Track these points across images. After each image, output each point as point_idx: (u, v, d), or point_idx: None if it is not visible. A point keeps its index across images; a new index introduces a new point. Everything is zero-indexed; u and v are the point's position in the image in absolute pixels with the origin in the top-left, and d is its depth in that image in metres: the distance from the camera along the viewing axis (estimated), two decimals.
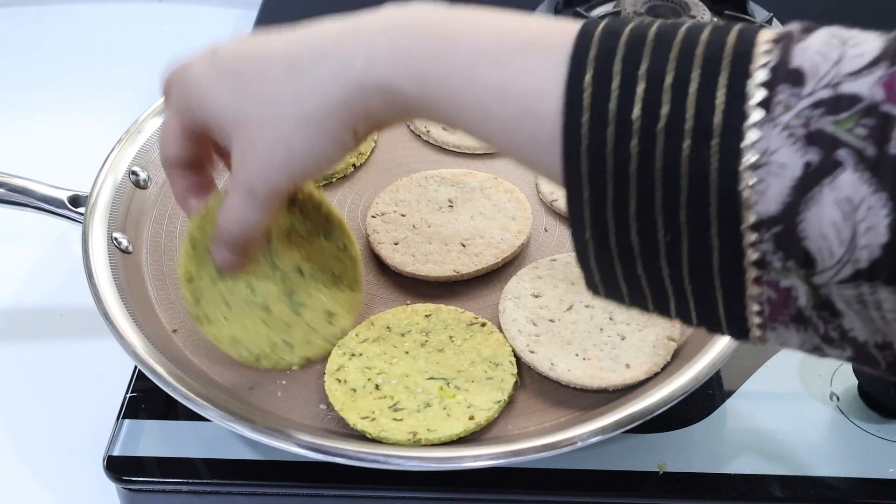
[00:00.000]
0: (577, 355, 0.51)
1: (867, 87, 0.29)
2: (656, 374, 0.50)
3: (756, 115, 0.30)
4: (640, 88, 0.31)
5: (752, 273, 0.31)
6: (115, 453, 0.52)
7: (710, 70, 0.31)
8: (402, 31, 0.37)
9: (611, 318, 0.53)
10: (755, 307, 0.32)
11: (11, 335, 0.65)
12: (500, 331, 0.52)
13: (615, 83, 0.32)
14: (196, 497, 0.51)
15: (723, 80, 0.31)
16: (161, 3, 1.02)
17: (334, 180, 0.63)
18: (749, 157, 0.30)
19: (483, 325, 0.53)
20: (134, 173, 0.62)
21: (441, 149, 0.66)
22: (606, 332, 0.52)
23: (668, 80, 0.31)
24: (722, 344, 0.50)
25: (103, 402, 0.57)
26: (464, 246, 0.57)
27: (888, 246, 0.29)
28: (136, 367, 0.54)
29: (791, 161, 0.30)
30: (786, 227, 0.30)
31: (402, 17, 0.38)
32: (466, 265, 0.56)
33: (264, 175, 0.41)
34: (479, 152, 0.65)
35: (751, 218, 0.30)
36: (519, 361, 0.51)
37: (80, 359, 0.62)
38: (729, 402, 0.55)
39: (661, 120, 0.31)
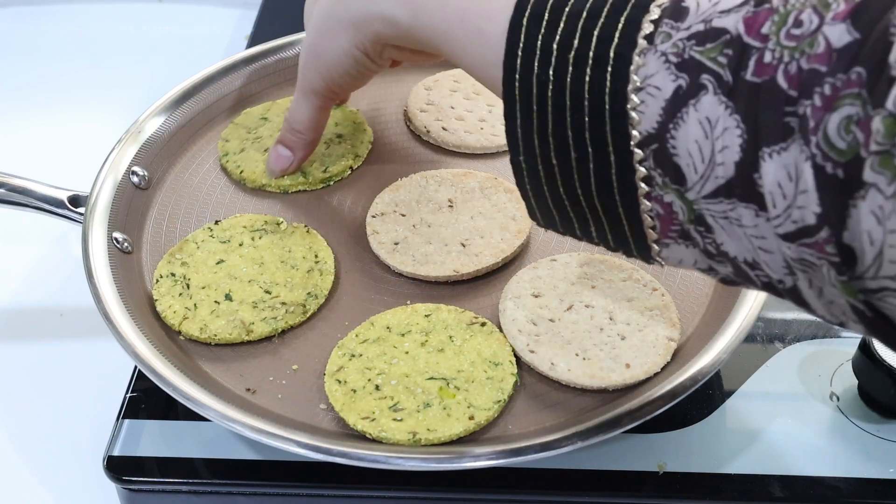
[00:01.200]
0: (577, 355, 0.51)
1: (733, 22, 0.33)
2: (656, 374, 0.50)
3: (642, 44, 0.35)
4: (562, 24, 0.37)
5: (642, 188, 0.36)
6: (115, 453, 0.52)
7: (616, 8, 0.36)
8: None
9: (611, 318, 0.53)
10: (648, 222, 0.36)
11: (11, 335, 0.65)
12: (500, 331, 0.52)
13: (545, 20, 0.37)
14: (196, 497, 0.51)
15: (624, 16, 0.35)
16: (161, 3, 1.02)
17: (332, 183, 0.63)
18: (634, 81, 0.34)
19: (483, 324, 0.53)
20: (134, 173, 0.62)
21: (441, 149, 0.66)
22: (606, 332, 0.52)
23: (584, 16, 0.36)
24: (722, 344, 0.50)
25: (103, 402, 0.57)
26: (464, 246, 0.57)
27: (740, 164, 0.32)
28: (136, 367, 0.55)
29: (665, 84, 0.34)
30: (660, 145, 0.34)
31: None
32: (466, 265, 0.56)
33: (305, 74, 0.56)
34: (478, 152, 0.65)
35: (636, 136, 0.35)
36: (519, 361, 0.51)
37: (80, 359, 0.62)
38: (729, 402, 0.55)
39: (573, 50, 0.36)
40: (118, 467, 0.51)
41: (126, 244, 0.58)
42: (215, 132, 0.67)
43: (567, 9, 0.37)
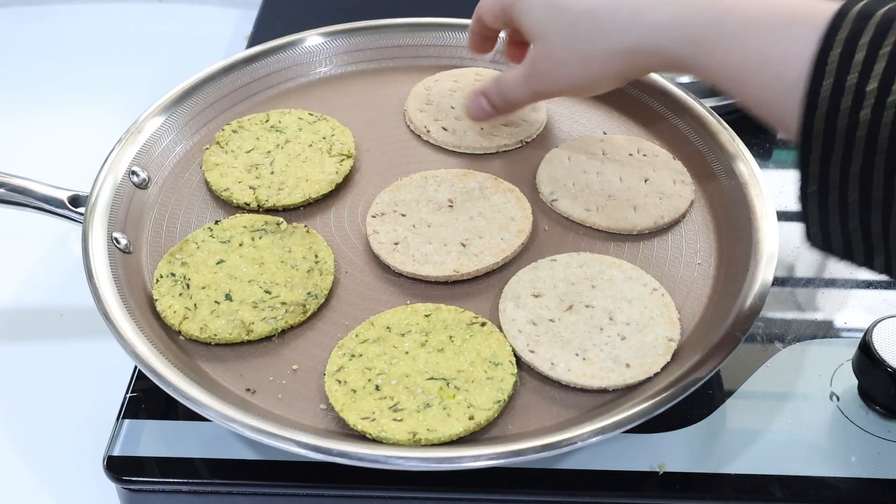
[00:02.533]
0: (577, 355, 0.51)
1: None
2: (656, 374, 0.50)
3: None
4: (880, 66, 0.36)
5: None
6: (115, 453, 0.52)
7: None
8: (685, 1, 0.45)
9: (611, 319, 0.53)
10: None
11: (11, 335, 0.65)
12: (500, 331, 0.52)
13: (857, 59, 0.36)
14: (196, 497, 0.51)
15: None
16: (161, 3, 1.02)
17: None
18: None
19: (483, 324, 0.53)
20: (134, 173, 0.62)
21: (441, 149, 0.66)
22: (606, 332, 0.52)
23: None
24: (722, 344, 0.50)
25: (103, 402, 0.57)
26: (464, 246, 0.57)
27: None
28: (136, 367, 0.55)
29: None
30: None
31: None
32: (466, 265, 0.56)
33: (542, 80, 0.56)
34: (478, 152, 0.65)
35: None
36: (519, 361, 0.51)
37: (80, 359, 0.62)
38: (729, 402, 0.55)
39: (894, 94, 0.35)
40: (118, 467, 0.51)
41: (126, 244, 0.58)
42: (215, 132, 0.67)
43: (884, 51, 0.36)
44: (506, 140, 0.66)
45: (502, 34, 0.66)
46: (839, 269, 0.64)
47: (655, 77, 0.68)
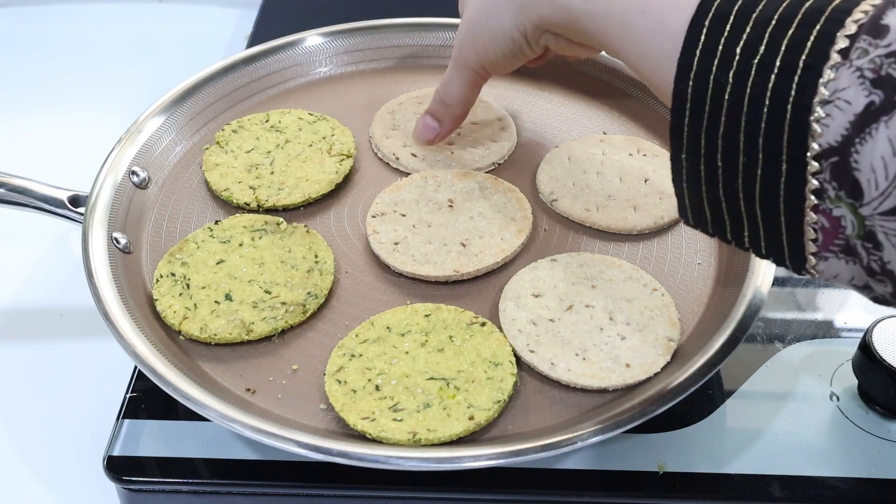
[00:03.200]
0: (577, 355, 0.51)
1: None
2: (656, 374, 0.50)
3: (835, 57, 0.34)
4: (748, 29, 0.36)
5: (810, 200, 0.35)
6: (115, 453, 0.52)
7: (810, 19, 0.35)
8: None
9: (611, 318, 0.53)
10: (811, 234, 0.36)
11: (11, 335, 0.65)
12: (500, 331, 0.52)
13: (729, 22, 0.37)
14: (196, 497, 0.51)
15: (817, 28, 0.35)
16: (161, 3, 1.03)
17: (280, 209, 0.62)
18: (822, 93, 0.34)
19: (483, 324, 0.53)
20: (134, 173, 0.62)
21: None
22: (606, 332, 0.52)
23: (773, 23, 0.36)
24: (722, 344, 0.50)
25: (103, 402, 0.57)
26: (464, 246, 0.57)
27: None
28: (136, 367, 0.55)
29: (856, 99, 0.33)
30: (841, 158, 0.34)
31: None
32: (466, 265, 0.56)
33: (464, 51, 0.56)
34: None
35: (815, 148, 0.34)
36: (519, 361, 0.51)
37: (80, 359, 0.62)
38: (729, 402, 0.55)
39: (757, 55, 0.36)
40: (118, 467, 0.51)
41: (126, 244, 0.58)
42: (215, 132, 0.67)
43: (755, 14, 0.36)
44: (478, 163, 0.64)
45: None
46: None
47: None
